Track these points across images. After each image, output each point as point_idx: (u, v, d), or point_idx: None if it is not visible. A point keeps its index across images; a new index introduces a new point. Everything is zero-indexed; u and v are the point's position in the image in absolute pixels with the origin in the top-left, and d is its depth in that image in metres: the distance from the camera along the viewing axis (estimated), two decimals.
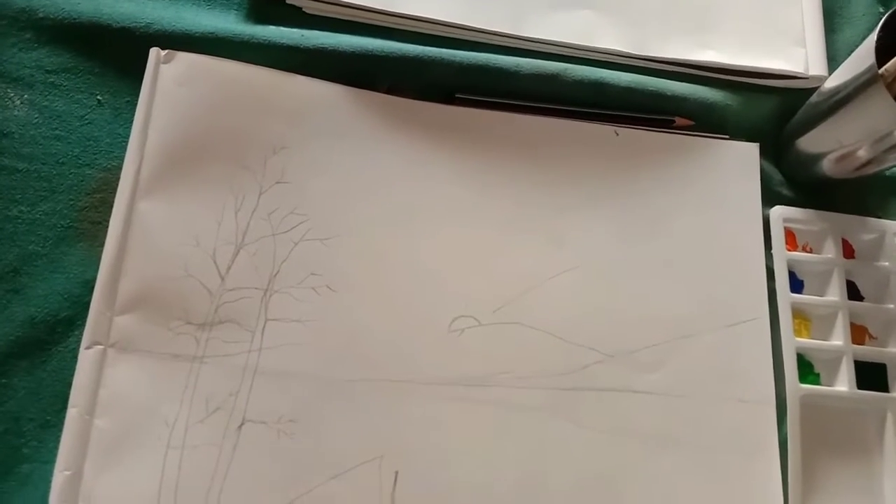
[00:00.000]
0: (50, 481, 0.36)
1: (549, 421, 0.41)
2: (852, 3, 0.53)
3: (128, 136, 0.41)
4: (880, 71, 0.39)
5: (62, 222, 0.41)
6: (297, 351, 0.40)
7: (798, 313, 0.45)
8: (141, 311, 0.39)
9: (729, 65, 0.48)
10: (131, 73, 0.42)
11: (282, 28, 0.45)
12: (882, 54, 0.39)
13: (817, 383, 0.44)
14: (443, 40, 0.47)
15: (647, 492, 0.41)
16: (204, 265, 0.40)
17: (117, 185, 0.40)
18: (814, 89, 0.47)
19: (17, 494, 0.37)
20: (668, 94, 0.47)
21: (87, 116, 0.43)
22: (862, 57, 0.40)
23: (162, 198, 0.41)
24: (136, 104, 0.42)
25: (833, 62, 0.49)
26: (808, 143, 0.46)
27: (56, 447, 0.37)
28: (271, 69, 0.43)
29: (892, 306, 0.46)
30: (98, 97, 0.43)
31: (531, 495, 0.40)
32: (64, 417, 0.37)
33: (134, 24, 0.43)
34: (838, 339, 0.44)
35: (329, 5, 0.45)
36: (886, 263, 0.46)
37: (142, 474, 0.37)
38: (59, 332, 0.39)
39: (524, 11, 0.48)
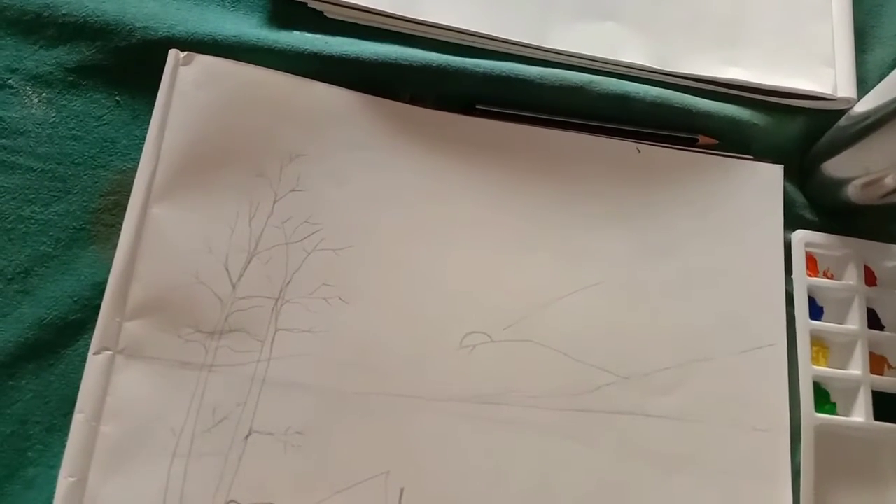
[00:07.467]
0: (55, 486, 0.36)
1: (559, 442, 0.40)
2: (884, 23, 0.51)
3: (144, 139, 0.41)
4: None
5: (75, 224, 0.40)
6: (306, 362, 0.39)
7: (816, 341, 0.44)
8: (151, 317, 0.39)
9: (755, 83, 0.47)
10: (151, 74, 0.42)
11: (306, 34, 0.44)
12: None
13: (833, 413, 0.43)
14: (464, 49, 0.46)
15: None
16: (216, 272, 0.40)
17: (132, 187, 0.40)
18: (842, 111, 0.46)
19: (22, 498, 0.37)
20: (694, 110, 0.46)
21: (104, 117, 0.42)
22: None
23: (176, 202, 0.40)
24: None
25: (863, 83, 0.48)
26: (835, 167, 0.45)
27: (62, 451, 0.36)
28: (291, 75, 0.43)
29: None
30: (117, 97, 0.43)
31: None
32: (70, 422, 0.37)
33: (157, 25, 0.42)
34: (856, 368, 0.43)
35: (351, 10, 0.45)
36: None
37: (146, 482, 0.37)
38: (68, 335, 0.39)
39: (548, 22, 0.47)
